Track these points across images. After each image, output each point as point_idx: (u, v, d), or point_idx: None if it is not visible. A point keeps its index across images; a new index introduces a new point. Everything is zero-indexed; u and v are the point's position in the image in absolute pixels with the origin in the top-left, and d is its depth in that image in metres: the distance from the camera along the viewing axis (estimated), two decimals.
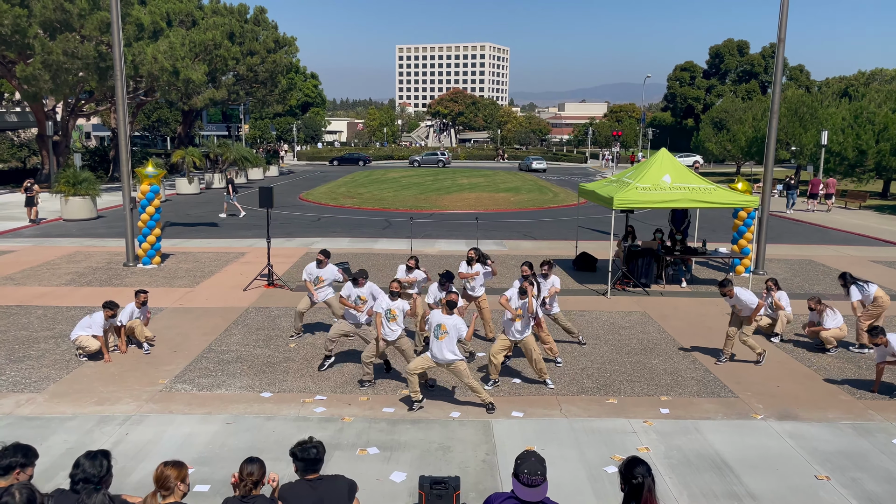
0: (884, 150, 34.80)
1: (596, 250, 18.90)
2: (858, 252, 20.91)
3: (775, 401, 9.30)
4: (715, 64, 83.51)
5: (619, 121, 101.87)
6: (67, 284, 15.38)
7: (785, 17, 16.40)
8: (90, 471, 4.30)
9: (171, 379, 9.80)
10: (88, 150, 47.60)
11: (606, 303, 14.51)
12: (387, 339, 9.26)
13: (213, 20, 44.26)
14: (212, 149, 42.67)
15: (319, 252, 11.52)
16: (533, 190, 40.21)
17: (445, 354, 8.51)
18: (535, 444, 7.91)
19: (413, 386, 8.69)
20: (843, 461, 7.62)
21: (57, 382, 9.61)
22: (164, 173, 17.85)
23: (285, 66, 54.14)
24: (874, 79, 70.28)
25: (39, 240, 21.36)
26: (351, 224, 26.34)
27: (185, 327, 12.25)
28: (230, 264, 17.84)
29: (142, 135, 76.62)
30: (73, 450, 7.50)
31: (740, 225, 17.29)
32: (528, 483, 3.99)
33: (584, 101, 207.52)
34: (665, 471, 7.34)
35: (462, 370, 8.57)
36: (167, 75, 36.58)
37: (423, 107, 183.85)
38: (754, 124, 47.56)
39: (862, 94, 48.34)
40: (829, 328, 11.36)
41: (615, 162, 67.14)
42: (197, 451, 7.64)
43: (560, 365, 10.55)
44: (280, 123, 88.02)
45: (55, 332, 11.85)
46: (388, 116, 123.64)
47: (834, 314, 11.45)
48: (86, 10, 32.78)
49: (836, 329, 11.37)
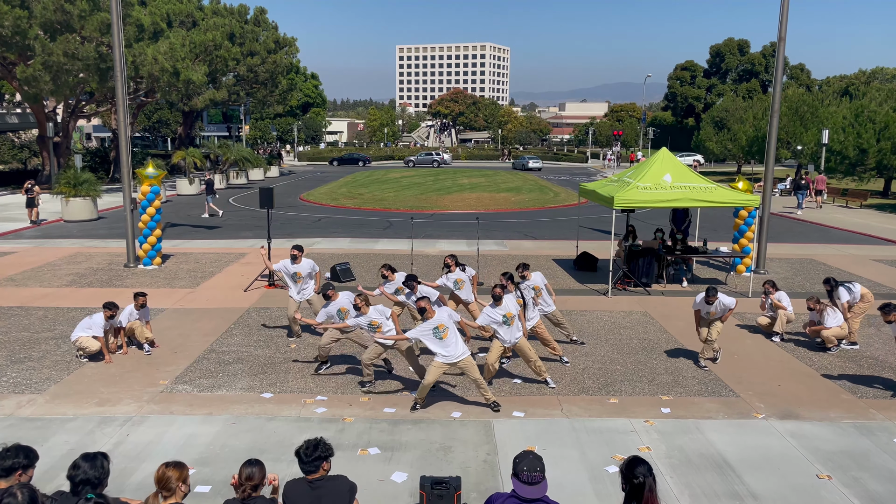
0: (885, 149, 34.77)
1: (597, 250, 18.89)
2: (859, 251, 20.88)
3: (777, 400, 9.29)
4: (715, 63, 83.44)
5: (620, 120, 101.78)
6: (68, 285, 15.39)
7: (785, 15, 16.39)
8: (90, 472, 4.30)
9: (171, 380, 9.80)
10: (89, 151, 47.62)
11: (607, 302, 14.50)
12: (384, 344, 9.25)
13: (214, 21, 44.27)
14: (212, 149, 42.71)
15: (292, 247, 11.46)
16: (534, 190, 40.20)
17: (459, 347, 8.54)
18: (536, 444, 7.90)
19: (422, 393, 8.75)
20: (844, 460, 7.61)
21: (58, 383, 9.62)
22: (164, 174, 17.85)
23: (285, 67, 54.16)
24: (875, 77, 70.30)
25: (40, 241, 21.37)
26: (352, 224, 26.34)
27: (185, 328, 12.25)
28: (231, 265, 17.84)
29: (142, 136, 76.63)
30: (74, 451, 7.50)
31: (741, 224, 17.28)
32: (529, 480, 4.00)
33: (585, 101, 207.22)
34: (666, 470, 7.33)
35: (470, 365, 8.59)
36: (167, 76, 36.60)
37: (423, 107, 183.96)
38: (755, 123, 47.52)
39: (863, 93, 48.33)
40: (830, 327, 11.35)
41: (618, 161, 66.99)
42: (198, 452, 7.64)
43: (567, 364, 10.55)
44: (281, 124, 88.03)
45: (56, 333, 11.85)
46: (388, 117, 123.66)
47: (834, 313, 11.45)
48: (86, 11, 32.81)
49: (836, 328, 11.36)
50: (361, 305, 9.18)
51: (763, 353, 11.30)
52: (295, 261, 11.43)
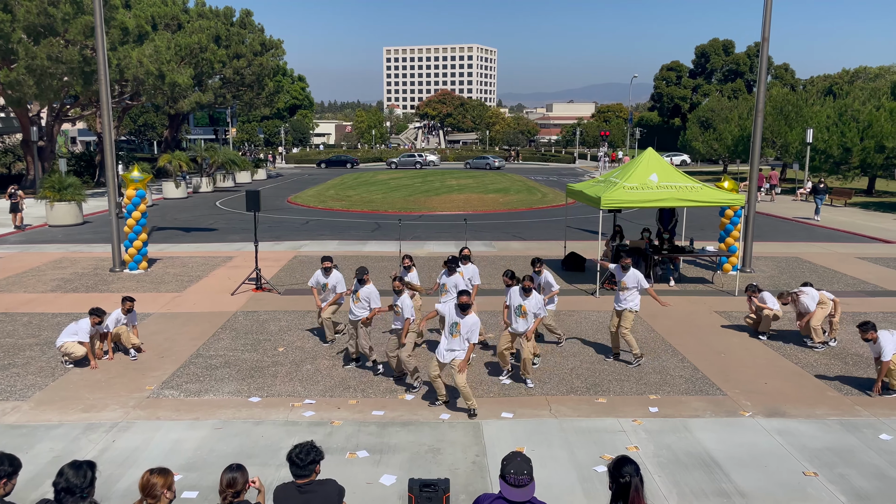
0: (868, 148, 35.10)
1: (584, 250, 18.95)
2: (844, 249, 21.06)
3: (763, 398, 9.35)
4: (701, 63, 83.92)
5: (607, 121, 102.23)
6: (53, 291, 15.25)
7: (769, 16, 16.51)
8: (73, 480, 4.26)
9: (158, 385, 9.74)
10: (74, 156, 47.25)
11: (595, 302, 14.54)
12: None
13: (199, 23, 44.05)
14: (199, 152, 42.47)
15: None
16: (522, 191, 40.28)
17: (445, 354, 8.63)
18: (525, 444, 7.91)
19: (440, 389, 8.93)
20: (830, 457, 7.66)
21: (43, 390, 9.52)
22: (149, 178, 17.75)
23: (272, 69, 53.98)
24: (858, 77, 70.91)
25: (25, 246, 21.17)
26: (340, 227, 26.28)
27: (172, 332, 12.17)
28: (218, 268, 17.75)
29: (128, 139, 76.17)
30: (59, 458, 7.43)
31: (727, 223, 17.39)
32: (515, 483, 3.99)
33: (572, 102, 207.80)
34: (654, 469, 7.35)
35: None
36: (153, 79, 36.39)
37: (411, 108, 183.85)
38: (740, 123, 47.83)
39: (846, 92, 48.78)
40: (814, 310, 11.44)
41: (608, 162, 66.88)
42: (185, 458, 7.59)
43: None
44: (268, 126, 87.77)
45: (41, 339, 11.74)
46: (376, 118, 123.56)
47: (808, 296, 11.53)
48: (70, 14, 32.56)
49: (819, 309, 11.44)
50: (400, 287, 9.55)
51: (749, 351, 11.36)
52: (327, 273, 11.56)
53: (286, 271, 17.43)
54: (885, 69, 70.57)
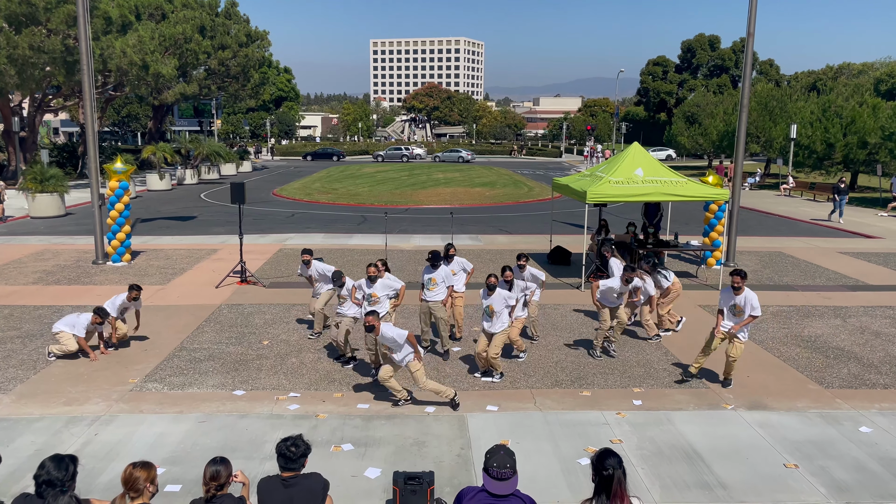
0: (851, 143, 35.44)
1: (570, 244, 19.01)
2: (826, 244, 21.27)
3: (745, 391, 9.44)
4: (687, 58, 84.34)
5: (594, 115, 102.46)
6: (35, 283, 15.09)
7: (754, 12, 16.60)
8: (54, 473, 4.23)
9: (141, 378, 9.67)
10: (56, 147, 46.69)
11: (580, 296, 14.60)
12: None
13: (184, 14, 43.62)
14: (183, 144, 42.13)
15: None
16: (508, 185, 40.32)
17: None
18: (509, 437, 7.94)
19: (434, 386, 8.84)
20: (811, 449, 7.76)
21: (24, 383, 9.44)
22: (133, 169, 17.57)
23: (258, 61, 53.54)
24: (842, 73, 71.58)
25: (6, 238, 20.92)
26: (325, 220, 26.19)
27: (156, 325, 12.08)
28: (202, 261, 17.64)
29: (112, 130, 75.35)
30: (41, 451, 7.37)
31: (711, 218, 17.51)
32: (498, 476, 4.01)
33: (559, 96, 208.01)
34: (638, 462, 7.41)
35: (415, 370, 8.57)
36: (136, 69, 36.00)
37: (398, 101, 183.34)
38: (725, 118, 48.11)
39: (830, 89, 49.26)
40: (652, 294, 11.51)
41: (596, 156, 66.83)
42: (168, 451, 7.55)
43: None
44: (253, 118, 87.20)
45: (22, 331, 11.62)
46: (362, 111, 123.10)
47: (648, 281, 11.51)
48: (52, 3, 32.11)
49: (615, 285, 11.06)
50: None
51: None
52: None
53: (271, 264, 17.35)
54: (869, 66, 71.29)
